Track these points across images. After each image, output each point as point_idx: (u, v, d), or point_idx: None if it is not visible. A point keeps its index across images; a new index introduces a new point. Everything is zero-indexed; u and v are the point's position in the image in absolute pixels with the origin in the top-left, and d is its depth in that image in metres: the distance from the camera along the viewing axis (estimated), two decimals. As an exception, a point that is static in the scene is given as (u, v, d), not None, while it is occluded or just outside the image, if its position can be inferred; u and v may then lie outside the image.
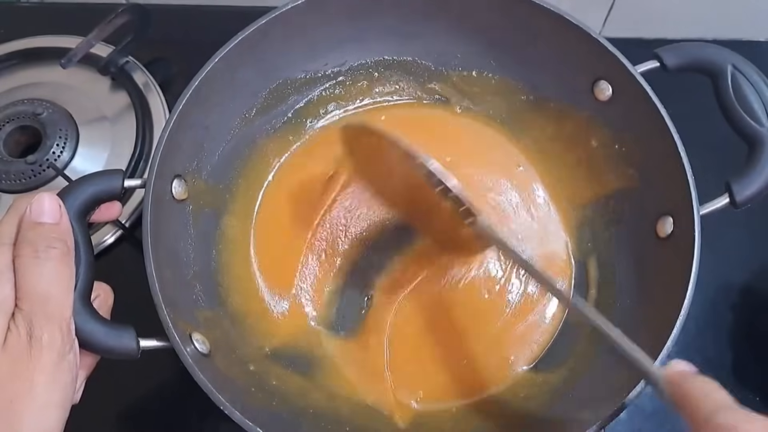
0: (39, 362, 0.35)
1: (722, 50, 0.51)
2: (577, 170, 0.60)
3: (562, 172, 0.61)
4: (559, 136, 0.61)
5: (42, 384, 0.35)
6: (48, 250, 0.37)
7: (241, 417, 0.40)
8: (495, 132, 0.63)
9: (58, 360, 0.36)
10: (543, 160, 0.62)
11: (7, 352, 0.34)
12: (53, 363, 0.35)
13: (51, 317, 0.36)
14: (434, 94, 0.64)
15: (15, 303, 0.36)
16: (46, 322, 0.35)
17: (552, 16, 0.54)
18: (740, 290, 0.62)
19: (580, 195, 0.59)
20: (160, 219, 0.46)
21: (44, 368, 0.35)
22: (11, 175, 0.63)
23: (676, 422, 0.56)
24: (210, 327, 0.49)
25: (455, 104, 0.64)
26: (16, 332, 0.35)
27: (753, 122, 0.49)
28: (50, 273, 0.37)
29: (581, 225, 0.59)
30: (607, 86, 0.55)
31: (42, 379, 0.35)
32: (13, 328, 0.35)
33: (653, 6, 0.72)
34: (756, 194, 0.47)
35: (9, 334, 0.35)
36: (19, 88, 0.70)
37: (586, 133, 0.58)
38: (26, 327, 0.35)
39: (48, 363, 0.35)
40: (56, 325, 0.36)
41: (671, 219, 0.49)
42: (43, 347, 0.35)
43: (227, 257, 0.56)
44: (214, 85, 0.52)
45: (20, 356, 0.35)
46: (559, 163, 0.61)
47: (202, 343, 0.45)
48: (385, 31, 0.60)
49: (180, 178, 0.51)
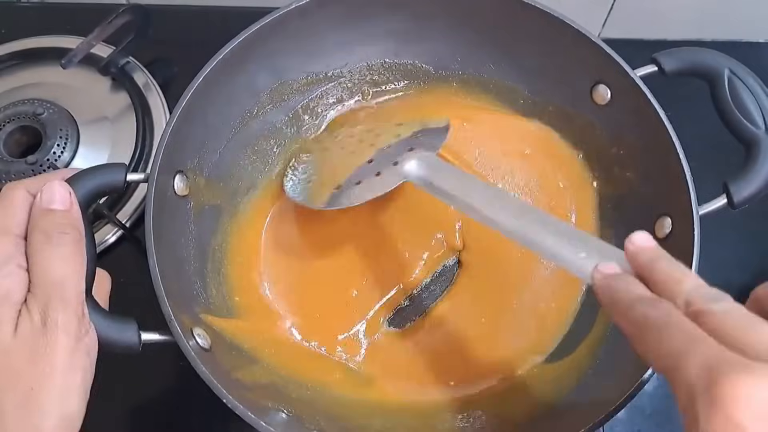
0: (56, 346, 0.35)
1: (719, 55, 0.51)
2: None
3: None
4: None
5: (61, 368, 0.35)
6: (61, 235, 0.37)
7: (244, 410, 0.40)
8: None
9: (75, 343, 0.36)
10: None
11: (22, 339, 0.34)
12: (70, 346, 0.35)
13: (67, 301, 0.36)
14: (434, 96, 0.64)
15: (28, 289, 0.36)
16: (61, 305, 0.35)
17: (551, 19, 0.54)
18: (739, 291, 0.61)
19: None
20: (162, 214, 0.47)
21: (62, 352, 0.35)
22: (11, 176, 0.62)
23: (676, 422, 0.56)
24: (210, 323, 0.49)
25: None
26: (29, 318, 0.35)
27: (749, 125, 0.49)
28: (64, 258, 0.37)
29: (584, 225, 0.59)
30: (606, 90, 0.55)
31: (60, 363, 0.35)
32: (25, 315, 0.35)
33: (653, 7, 0.72)
34: (753, 195, 0.48)
35: (21, 320, 0.35)
36: (19, 88, 0.70)
37: (585, 136, 0.59)
38: (40, 312, 0.35)
39: (65, 346, 0.35)
40: (71, 309, 0.36)
41: (669, 220, 0.50)
42: (59, 331, 0.35)
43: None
44: (215, 84, 0.52)
45: (35, 342, 0.34)
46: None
47: (203, 338, 0.45)
48: (385, 34, 0.61)
49: (182, 174, 0.51)
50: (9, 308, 0.35)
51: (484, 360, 0.54)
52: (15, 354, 0.34)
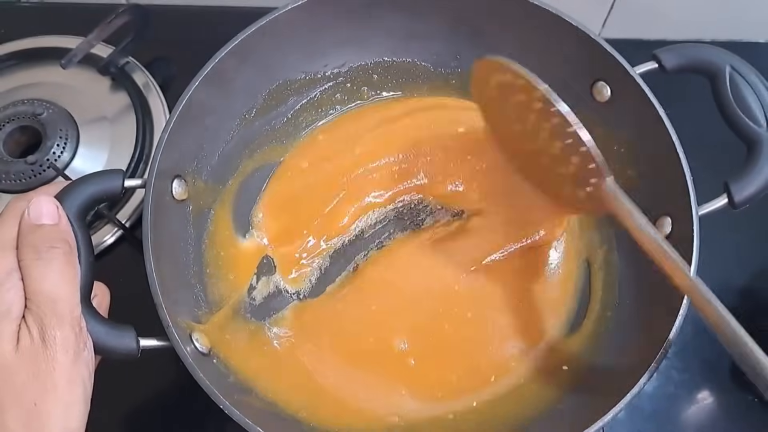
0: (56, 362, 0.35)
1: (720, 51, 0.51)
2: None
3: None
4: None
5: (62, 383, 0.35)
6: (50, 250, 0.37)
7: (241, 416, 0.40)
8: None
9: (74, 357, 0.36)
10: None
11: (23, 355, 0.35)
12: (71, 361, 0.36)
13: (62, 317, 0.36)
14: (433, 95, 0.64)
15: (25, 305, 0.36)
16: (57, 322, 0.36)
17: (551, 17, 0.54)
18: (739, 291, 0.62)
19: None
20: (160, 219, 0.47)
21: (63, 367, 0.35)
22: (11, 176, 0.63)
23: (676, 422, 0.56)
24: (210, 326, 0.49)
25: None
26: (29, 334, 0.35)
27: (751, 123, 0.49)
28: (55, 273, 0.37)
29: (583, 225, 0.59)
30: (606, 87, 0.55)
31: (62, 378, 0.35)
32: (25, 331, 0.35)
33: (653, 7, 0.72)
34: (754, 194, 0.47)
35: (21, 336, 0.35)
36: (19, 88, 0.70)
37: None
38: (38, 328, 0.35)
39: (65, 362, 0.35)
40: (67, 324, 0.36)
41: (670, 219, 0.50)
42: (58, 347, 0.35)
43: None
44: (214, 85, 0.52)
45: (36, 357, 0.35)
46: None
47: (201, 343, 0.45)
48: (384, 33, 0.61)
49: (180, 179, 0.51)
50: (10, 323, 0.35)
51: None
52: (17, 370, 0.34)
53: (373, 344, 0.54)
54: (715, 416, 0.57)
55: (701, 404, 0.57)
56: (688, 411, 0.57)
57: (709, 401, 0.57)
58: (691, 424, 0.56)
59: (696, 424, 0.56)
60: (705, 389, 0.58)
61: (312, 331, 0.55)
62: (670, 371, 0.58)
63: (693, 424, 0.56)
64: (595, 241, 0.58)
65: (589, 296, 0.56)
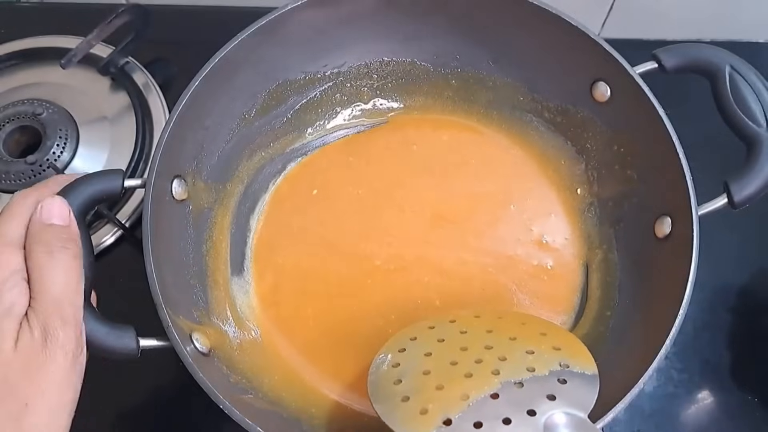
0: (53, 364, 0.35)
1: (720, 51, 0.51)
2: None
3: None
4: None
5: (56, 386, 0.35)
6: (62, 250, 0.37)
7: (241, 416, 0.40)
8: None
9: (72, 361, 0.36)
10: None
11: (21, 353, 0.35)
12: (68, 364, 0.36)
13: (66, 318, 0.36)
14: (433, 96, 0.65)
15: (29, 303, 0.36)
16: (61, 324, 0.36)
17: (551, 17, 0.54)
18: (739, 292, 0.62)
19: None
20: (160, 219, 0.46)
21: (59, 370, 0.35)
22: (11, 176, 0.63)
23: (676, 422, 0.56)
24: (209, 326, 0.49)
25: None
26: (30, 333, 0.35)
27: (751, 123, 0.49)
28: (63, 274, 0.37)
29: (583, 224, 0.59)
30: (606, 87, 0.55)
31: (56, 380, 0.35)
32: (26, 329, 0.35)
33: (653, 7, 0.72)
34: (754, 194, 0.47)
35: (21, 335, 0.35)
36: (19, 88, 0.70)
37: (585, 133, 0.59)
38: (41, 328, 0.35)
39: (62, 364, 0.35)
40: (71, 326, 0.36)
41: (669, 219, 0.50)
42: (58, 349, 0.35)
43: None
44: (213, 85, 0.52)
45: (34, 357, 0.35)
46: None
47: (201, 343, 0.45)
48: (384, 33, 0.60)
49: (180, 179, 0.51)
50: (11, 321, 0.35)
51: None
52: (14, 368, 0.34)
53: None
54: (715, 416, 0.57)
55: (701, 404, 0.57)
56: (687, 411, 0.57)
57: (709, 401, 0.57)
58: (691, 424, 0.56)
59: (696, 423, 0.56)
60: (705, 389, 0.58)
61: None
62: (670, 371, 0.58)
63: (693, 424, 0.56)
64: (594, 241, 0.58)
65: (587, 296, 0.56)
